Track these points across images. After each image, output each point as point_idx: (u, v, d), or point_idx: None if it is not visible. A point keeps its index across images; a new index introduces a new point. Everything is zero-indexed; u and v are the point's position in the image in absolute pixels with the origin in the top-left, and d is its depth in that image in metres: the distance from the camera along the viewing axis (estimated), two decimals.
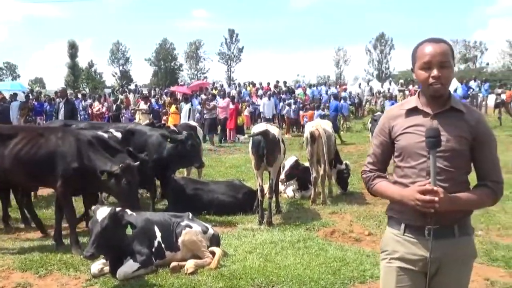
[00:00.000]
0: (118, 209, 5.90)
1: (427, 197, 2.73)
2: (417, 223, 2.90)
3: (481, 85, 29.78)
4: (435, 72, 2.82)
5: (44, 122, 18.91)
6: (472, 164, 2.98)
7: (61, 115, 15.02)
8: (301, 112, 24.38)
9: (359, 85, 35.14)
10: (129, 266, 5.86)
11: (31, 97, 26.66)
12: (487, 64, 64.03)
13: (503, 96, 27.85)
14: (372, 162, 3.18)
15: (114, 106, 22.91)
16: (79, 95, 28.46)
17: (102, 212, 5.68)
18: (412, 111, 2.98)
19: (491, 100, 27.40)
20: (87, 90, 53.24)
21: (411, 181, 2.90)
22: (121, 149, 8.23)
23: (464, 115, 2.91)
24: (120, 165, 6.72)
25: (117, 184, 6.79)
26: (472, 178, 3.00)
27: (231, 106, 22.54)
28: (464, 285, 3.02)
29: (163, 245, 6.28)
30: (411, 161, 2.93)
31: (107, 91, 40.61)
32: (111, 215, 5.67)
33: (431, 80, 2.84)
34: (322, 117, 18.67)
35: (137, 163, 7.10)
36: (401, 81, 37.69)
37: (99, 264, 6.02)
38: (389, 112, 3.16)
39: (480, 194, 2.91)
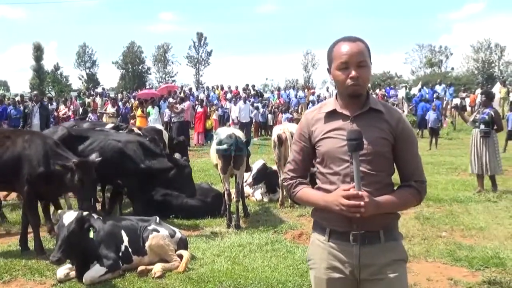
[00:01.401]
0: (85, 213, 5.85)
1: (352, 202, 2.62)
2: (342, 229, 2.79)
3: (446, 89, 30.39)
4: (353, 72, 2.72)
5: (7, 126, 18.56)
6: (394, 165, 2.91)
7: (36, 120, 15.14)
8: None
9: (327, 88, 35.40)
10: (96, 271, 5.80)
11: None
12: (452, 68, 65.21)
13: (467, 100, 28.45)
14: (293, 169, 3.04)
15: (81, 110, 22.64)
16: (45, 99, 28.01)
17: (68, 217, 5.62)
18: (331, 115, 2.87)
19: (455, 103, 27.93)
20: (53, 93, 52.46)
21: (335, 187, 2.77)
22: (161, 153, 8.34)
23: (383, 115, 2.82)
24: (73, 161, 6.64)
25: (71, 180, 6.66)
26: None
27: (200, 109, 22.50)
28: None
29: (130, 249, 6.24)
30: (334, 167, 2.81)
31: (73, 94, 40.06)
32: (78, 220, 5.62)
33: (349, 81, 2.73)
34: (290, 120, 18.78)
35: (97, 159, 6.99)
36: (368, 85, 38.12)
37: (65, 269, 5.95)
38: (308, 116, 3.01)
39: (404, 195, 2.81)
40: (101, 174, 8.14)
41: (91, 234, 5.72)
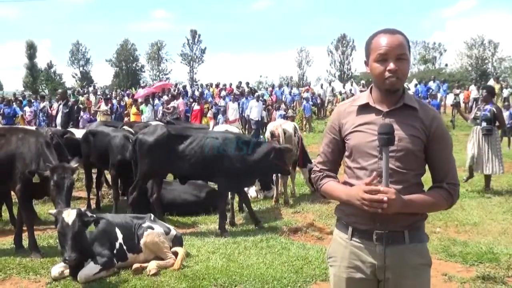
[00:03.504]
0: (83, 209, 5.85)
1: (374, 196, 2.53)
2: (365, 227, 2.73)
3: (440, 85, 30.47)
4: (391, 65, 2.63)
5: (1, 124, 18.54)
6: (426, 165, 2.80)
7: (59, 118, 15.77)
8: None
9: (321, 85, 35.37)
10: (90, 269, 5.79)
11: None
12: (446, 65, 65.26)
13: (461, 96, 28.49)
14: (322, 161, 2.96)
15: (75, 108, 22.55)
16: (38, 97, 27.94)
17: (70, 215, 5.60)
18: (364, 108, 2.79)
19: (450, 100, 27.94)
20: (46, 91, 52.28)
21: (361, 182, 2.68)
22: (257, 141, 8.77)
23: (417, 113, 2.71)
24: (48, 165, 6.54)
25: (48, 186, 6.50)
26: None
27: (196, 107, 22.42)
28: None
29: (124, 247, 6.23)
30: (362, 162, 2.74)
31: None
32: (80, 216, 5.62)
33: (387, 74, 2.64)
34: (284, 117, 18.76)
35: (75, 165, 6.82)
36: (363, 81, 38.26)
37: (60, 267, 5.93)
38: (340, 108, 2.94)
39: (435, 196, 2.71)
40: (202, 173, 8.28)
41: (93, 228, 5.76)
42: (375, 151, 2.68)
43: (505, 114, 18.30)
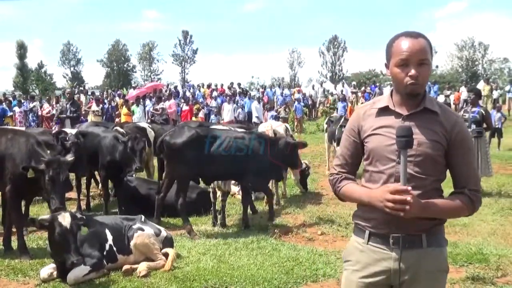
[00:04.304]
0: (73, 211, 5.84)
1: (398, 197, 2.46)
2: (382, 231, 2.68)
3: (431, 86, 30.62)
4: (412, 71, 2.57)
5: None
6: (447, 171, 2.74)
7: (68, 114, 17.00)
8: None
9: (313, 86, 35.42)
10: (80, 270, 5.75)
11: None
12: (437, 66, 65.32)
13: (452, 97, 28.63)
14: (340, 164, 2.90)
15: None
16: (28, 97, 27.82)
17: (65, 219, 5.61)
18: (383, 111, 2.73)
19: (440, 101, 28.05)
20: (37, 91, 52.02)
21: (377, 187, 2.66)
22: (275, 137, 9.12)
23: (438, 117, 2.66)
24: (43, 159, 6.52)
25: (43, 181, 6.48)
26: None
27: (185, 107, 22.35)
28: None
29: (114, 248, 6.21)
30: (380, 165, 2.67)
31: (57, 92, 39.73)
32: (73, 218, 5.64)
33: (408, 80, 2.59)
34: (276, 118, 18.78)
35: (70, 159, 6.82)
36: (354, 83, 38.40)
37: (49, 269, 5.90)
38: (360, 110, 2.89)
39: (456, 202, 2.65)
40: (231, 172, 8.36)
41: (85, 231, 5.78)
42: (394, 155, 2.63)
43: (497, 115, 18.41)
